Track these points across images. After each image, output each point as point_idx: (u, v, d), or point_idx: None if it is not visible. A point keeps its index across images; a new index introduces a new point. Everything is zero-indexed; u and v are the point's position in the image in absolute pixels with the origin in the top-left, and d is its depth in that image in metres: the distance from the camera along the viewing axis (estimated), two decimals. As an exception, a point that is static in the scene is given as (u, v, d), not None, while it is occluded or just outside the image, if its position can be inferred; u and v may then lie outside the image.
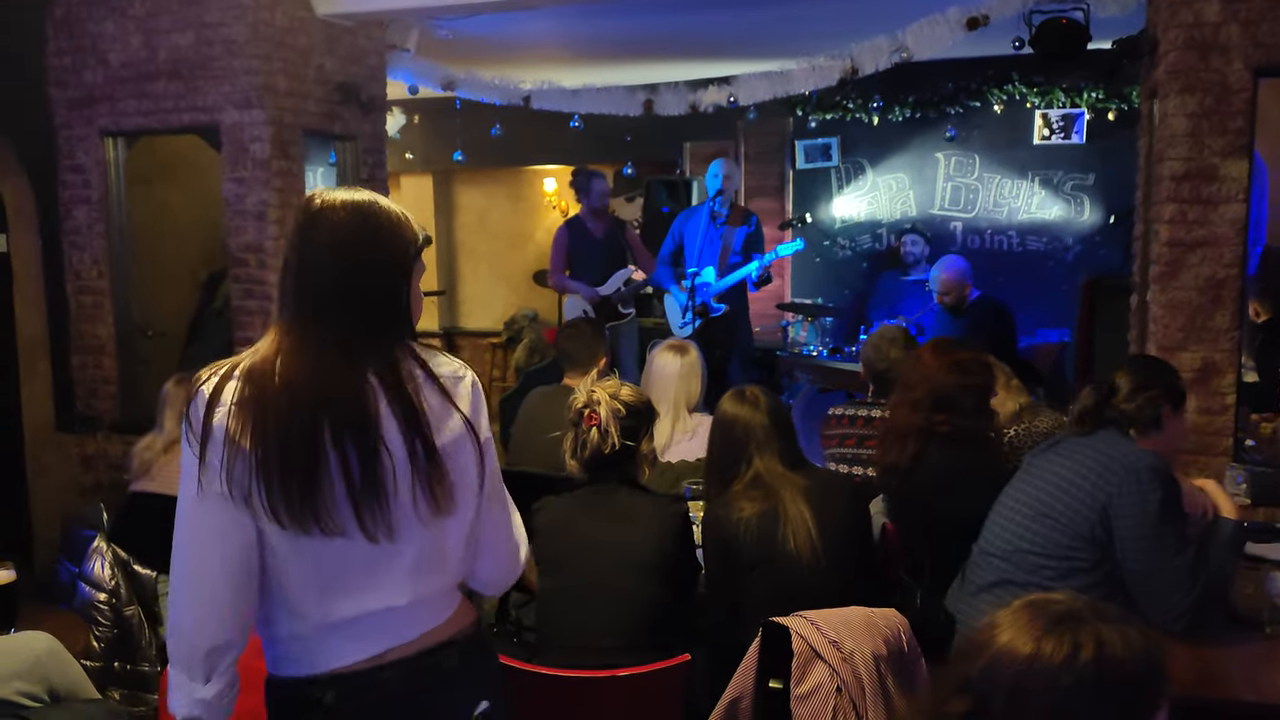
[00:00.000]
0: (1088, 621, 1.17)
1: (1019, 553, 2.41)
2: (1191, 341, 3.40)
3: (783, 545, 2.45)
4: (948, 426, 2.81)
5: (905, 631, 2.21)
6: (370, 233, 1.59)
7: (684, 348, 3.57)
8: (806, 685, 2.13)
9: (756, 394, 2.67)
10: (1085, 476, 2.34)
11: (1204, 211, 3.36)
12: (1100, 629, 1.16)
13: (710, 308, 5.62)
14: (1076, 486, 2.35)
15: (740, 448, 2.58)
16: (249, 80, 4.43)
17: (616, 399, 2.50)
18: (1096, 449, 2.38)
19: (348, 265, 1.56)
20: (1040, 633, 1.18)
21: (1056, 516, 2.36)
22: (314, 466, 1.47)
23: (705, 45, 6.08)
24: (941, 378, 2.87)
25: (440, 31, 5.29)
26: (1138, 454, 2.33)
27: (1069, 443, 2.47)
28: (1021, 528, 2.43)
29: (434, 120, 8.40)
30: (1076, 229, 6.90)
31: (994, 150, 7.04)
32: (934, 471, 2.79)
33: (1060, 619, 1.18)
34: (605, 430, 2.47)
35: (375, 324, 1.57)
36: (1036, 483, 2.45)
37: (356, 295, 1.56)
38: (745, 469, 2.55)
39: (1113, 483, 2.29)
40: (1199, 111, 3.32)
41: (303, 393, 1.48)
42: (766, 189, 7.60)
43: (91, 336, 4.91)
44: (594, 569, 2.39)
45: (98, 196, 4.81)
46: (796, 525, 2.46)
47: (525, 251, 9.49)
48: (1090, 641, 1.15)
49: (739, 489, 2.54)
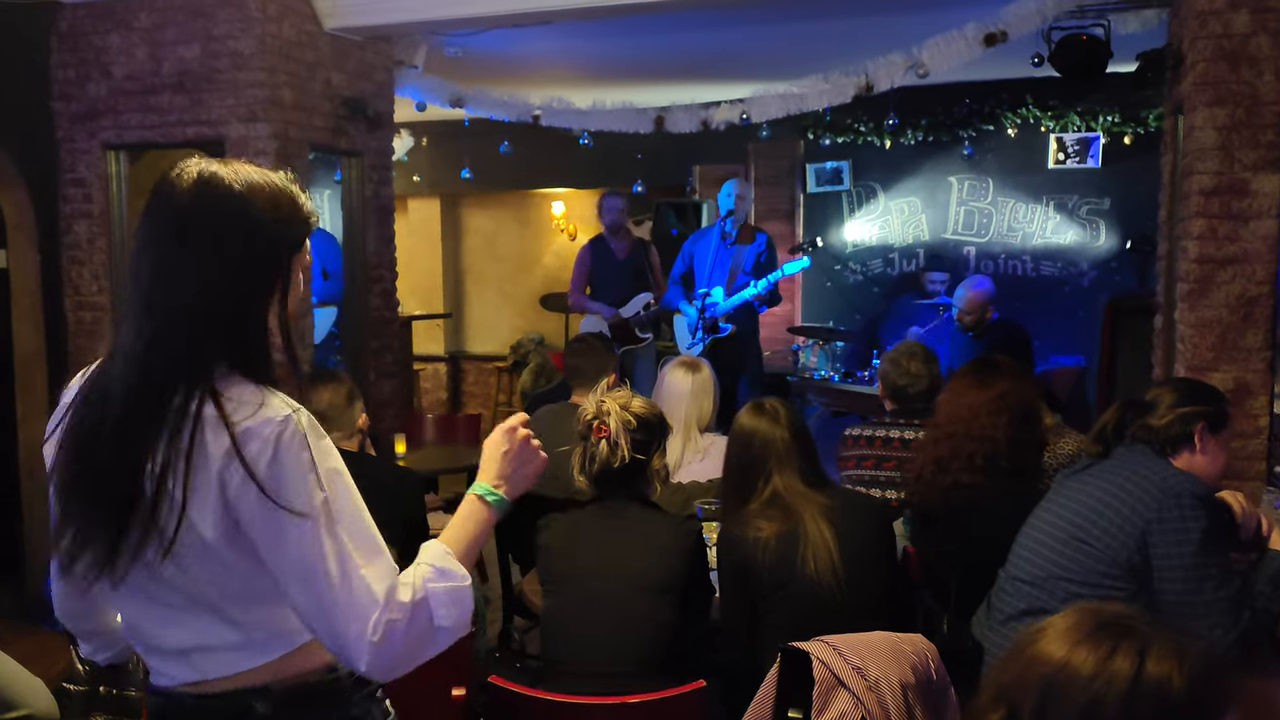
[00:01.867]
0: (1135, 633, 1.06)
1: (1051, 579, 2.28)
2: (1223, 362, 3.28)
3: (802, 568, 2.33)
4: (989, 464, 2.71)
5: (934, 658, 2.08)
6: (193, 209, 1.29)
7: (696, 365, 3.46)
8: (829, 715, 1.99)
9: (776, 406, 2.55)
10: (1123, 501, 2.21)
11: (1234, 227, 3.25)
12: (1148, 643, 1.05)
13: (718, 327, 5.52)
14: (1114, 510, 2.22)
15: (759, 463, 2.46)
16: (254, 94, 4.36)
17: (627, 410, 2.39)
18: (1134, 470, 2.24)
19: (151, 254, 1.31)
20: (1078, 638, 1.08)
21: (1091, 542, 2.23)
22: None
23: (718, 66, 6.03)
24: (995, 431, 2.76)
25: (449, 49, 5.23)
26: (1178, 477, 2.20)
27: (1103, 464, 2.34)
28: (1054, 553, 2.29)
29: (442, 143, 8.37)
30: (1092, 254, 6.81)
31: (1008, 174, 6.96)
32: (971, 496, 2.67)
33: (1105, 626, 1.08)
34: (615, 443, 2.36)
35: (180, 337, 1.29)
36: (1070, 505, 2.32)
37: (158, 293, 1.29)
38: (763, 486, 2.44)
39: (1152, 508, 2.16)
40: (1229, 124, 3.23)
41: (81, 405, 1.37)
42: (777, 212, 7.52)
43: (90, 353, 4.82)
44: (602, 589, 2.26)
45: (99, 211, 4.74)
46: (817, 547, 2.34)
47: (533, 275, 9.42)
48: (1130, 654, 1.04)
49: (756, 507, 2.42)
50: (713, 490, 3.09)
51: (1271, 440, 3.30)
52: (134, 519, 1.28)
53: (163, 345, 1.30)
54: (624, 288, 5.98)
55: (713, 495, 3.03)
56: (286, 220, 1.35)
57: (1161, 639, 1.05)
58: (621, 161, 7.41)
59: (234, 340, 1.32)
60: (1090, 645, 1.07)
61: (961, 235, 7.14)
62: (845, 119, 7.01)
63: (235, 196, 1.32)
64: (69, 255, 4.80)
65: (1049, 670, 1.07)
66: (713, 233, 5.65)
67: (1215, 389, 2.47)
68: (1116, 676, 1.03)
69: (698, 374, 3.40)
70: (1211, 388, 2.47)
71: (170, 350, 1.29)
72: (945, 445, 2.80)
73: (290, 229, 1.36)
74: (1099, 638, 1.07)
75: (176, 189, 1.32)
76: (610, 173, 7.54)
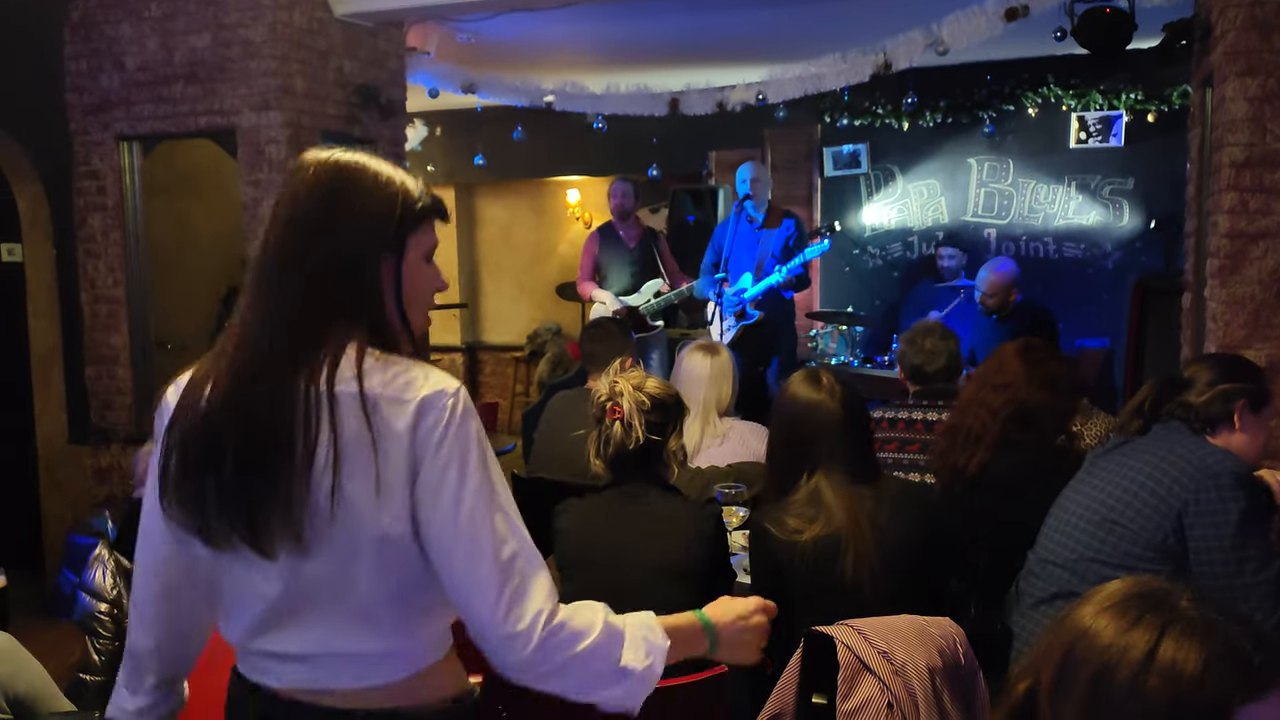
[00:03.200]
0: (1166, 606, 1.01)
1: (1083, 561, 2.21)
2: (1256, 339, 3.20)
3: (843, 576, 2.17)
4: (1025, 439, 2.62)
5: (962, 642, 2.01)
6: (330, 191, 1.33)
7: (715, 348, 3.40)
8: (854, 701, 1.94)
9: (833, 381, 2.32)
10: (1159, 480, 2.13)
11: (1267, 200, 3.16)
12: (1173, 619, 0.99)
13: (746, 313, 5.46)
14: (1149, 490, 2.14)
15: (806, 448, 2.27)
16: (266, 82, 4.34)
17: (641, 390, 2.32)
18: (1170, 449, 2.16)
19: (295, 231, 1.32)
20: (1108, 606, 1.04)
21: (1126, 524, 2.15)
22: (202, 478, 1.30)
23: (733, 48, 5.95)
24: (1030, 391, 2.66)
25: (460, 35, 5.19)
26: (1216, 455, 2.11)
27: (1136, 442, 2.25)
28: (1087, 534, 2.22)
29: (456, 133, 8.34)
30: (1115, 235, 6.69)
31: (1029, 155, 6.85)
32: (1004, 477, 2.59)
33: (1139, 597, 1.04)
34: (629, 424, 2.29)
35: (318, 305, 1.31)
36: (1103, 485, 2.25)
37: (296, 268, 1.31)
38: (808, 477, 2.26)
39: (1189, 488, 2.08)
40: (1260, 95, 3.14)
41: (214, 398, 1.30)
42: (794, 197, 7.44)
43: (106, 346, 4.81)
44: (621, 575, 2.21)
45: (113, 203, 4.73)
46: (859, 554, 2.17)
47: (548, 265, 9.38)
48: (1151, 627, 0.99)
49: (798, 500, 2.26)
50: (732, 475, 3.04)
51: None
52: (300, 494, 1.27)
53: (307, 324, 1.30)
54: (633, 276, 5.93)
55: (732, 480, 2.98)
56: (398, 201, 1.36)
57: (1192, 617, 1.00)
58: (636, 148, 7.35)
59: (368, 314, 1.33)
60: (1116, 613, 1.03)
61: (982, 217, 7.04)
62: (863, 101, 6.92)
63: (359, 175, 1.35)
64: (84, 249, 4.80)
65: (1073, 636, 1.04)
66: (735, 219, 5.58)
67: (1255, 365, 2.37)
68: (1132, 648, 0.99)
69: (716, 357, 3.35)
70: (1251, 364, 2.38)
71: (313, 328, 1.30)
72: (972, 414, 2.71)
73: (402, 210, 1.36)
74: (1127, 607, 1.03)
75: (306, 172, 1.35)
76: (625, 159, 7.48)
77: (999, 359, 2.80)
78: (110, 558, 2.72)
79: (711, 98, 4.83)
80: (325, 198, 1.33)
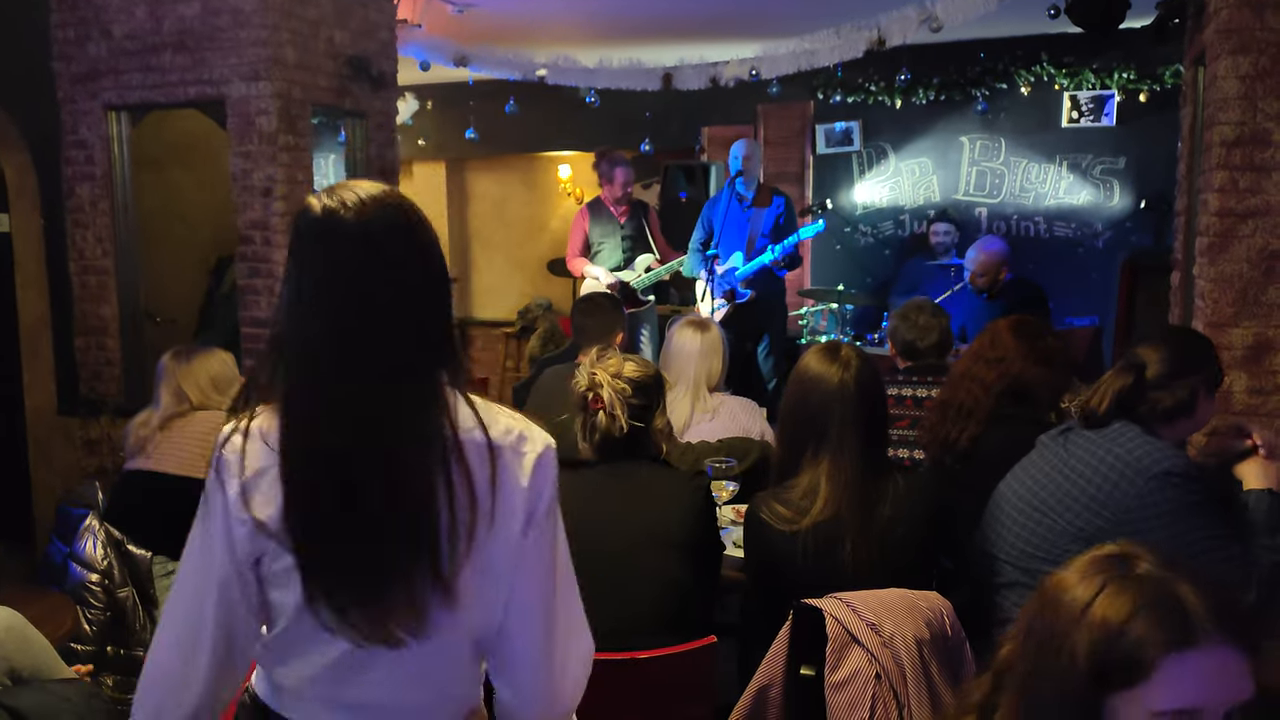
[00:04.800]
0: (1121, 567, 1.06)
1: (1025, 556, 2.20)
2: (1243, 317, 3.22)
3: (842, 570, 2.13)
4: (1017, 414, 2.62)
5: (949, 615, 2.04)
6: (402, 230, 1.24)
7: (705, 324, 3.41)
8: (842, 672, 1.96)
9: (850, 356, 2.19)
10: (1100, 486, 2.10)
11: (1257, 179, 3.18)
12: (1116, 577, 1.04)
13: (737, 293, 5.46)
14: (1090, 496, 2.11)
15: (816, 430, 2.17)
16: (256, 52, 4.29)
17: (619, 378, 2.31)
18: (1112, 450, 2.12)
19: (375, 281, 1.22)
20: (1076, 569, 1.09)
21: (1065, 525, 2.13)
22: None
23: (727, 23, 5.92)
24: (1024, 366, 2.66)
25: (453, 7, 5.15)
26: (1155, 455, 2.07)
27: (1080, 437, 2.19)
28: (1026, 530, 2.20)
29: (447, 106, 8.28)
30: (1106, 214, 6.71)
31: (1021, 133, 6.85)
32: (995, 451, 2.58)
33: (1104, 559, 1.09)
34: (612, 413, 2.30)
35: (410, 358, 1.22)
36: (1042, 479, 2.22)
37: (388, 320, 1.22)
38: (813, 457, 2.18)
39: (1130, 494, 2.06)
40: (1252, 73, 3.14)
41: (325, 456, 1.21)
42: (787, 175, 7.43)
43: (95, 317, 4.79)
44: (613, 546, 2.22)
45: (101, 173, 4.69)
46: (859, 544, 2.13)
47: (540, 240, 9.35)
48: (1093, 584, 1.05)
49: (797, 487, 2.20)
50: (723, 450, 3.05)
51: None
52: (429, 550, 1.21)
53: (410, 370, 1.23)
54: (623, 251, 5.92)
55: (723, 455, 2.99)
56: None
57: (1139, 574, 1.03)
58: (629, 123, 7.32)
59: (450, 356, 1.28)
60: (1079, 573, 1.07)
61: (973, 196, 7.04)
62: (856, 77, 6.90)
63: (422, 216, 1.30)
64: (72, 219, 4.76)
65: (1043, 596, 1.09)
66: (727, 197, 5.57)
67: (1206, 341, 2.33)
68: (1075, 601, 1.03)
69: (706, 333, 3.35)
70: (1202, 341, 2.34)
71: (417, 374, 1.24)
72: (965, 388, 2.70)
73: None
74: (1091, 568, 1.07)
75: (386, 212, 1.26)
76: (618, 135, 7.45)
77: (992, 334, 2.79)
78: (101, 528, 2.72)
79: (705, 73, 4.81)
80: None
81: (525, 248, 9.42)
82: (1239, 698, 0.97)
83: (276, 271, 4.38)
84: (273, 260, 4.39)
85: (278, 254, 4.38)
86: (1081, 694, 0.99)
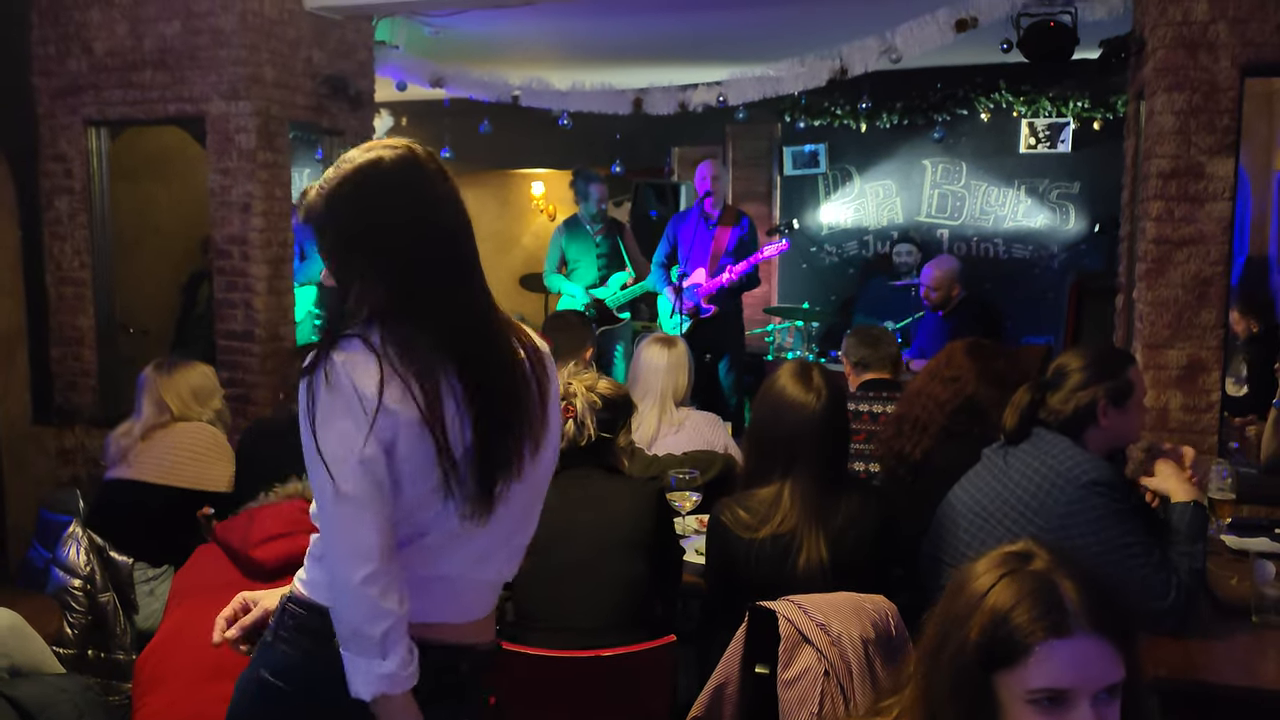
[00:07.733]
0: (1021, 563, 1.18)
1: (968, 561, 2.34)
2: (1178, 339, 3.40)
3: (793, 573, 2.27)
4: (969, 430, 2.73)
5: (894, 616, 2.17)
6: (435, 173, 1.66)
7: (672, 341, 3.54)
8: (794, 669, 2.09)
9: (822, 385, 2.32)
10: (1033, 494, 2.25)
11: (1191, 209, 3.36)
12: (1017, 571, 1.16)
13: (700, 309, 5.61)
14: (1025, 504, 2.26)
15: (786, 452, 2.32)
16: (236, 71, 4.40)
17: (593, 391, 2.46)
18: (1041, 459, 2.28)
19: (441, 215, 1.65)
20: (986, 559, 1.21)
21: (1004, 532, 2.26)
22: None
23: (695, 48, 6.09)
24: (978, 387, 2.76)
25: (427, 29, 5.27)
26: (1080, 463, 2.22)
27: (1018, 450, 2.35)
28: (969, 536, 2.35)
29: (422, 123, 8.38)
30: (1062, 237, 6.94)
31: (981, 158, 7.07)
32: (947, 465, 2.69)
33: (1010, 555, 1.20)
34: (581, 422, 2.43)
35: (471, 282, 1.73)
36: (985, 489, 2.36)
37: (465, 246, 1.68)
38: (778, 479, 2.32)
39: (1060, 500, 2.21)
40: (1186, 109, 3.33)
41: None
42: (754, 195, 7.60)
43: (71, 328, 4.85)
44: (572, 551, 2.34)
45: (80, 187, 4.76)
46: (812, 555, 2.27)
47: (512, 256, 9.46)
48: (991, 577, 1.17)
49: (760, 497, 2.34)
50: (688, 462, 3.17)
51: (1222, 415, 3.42)
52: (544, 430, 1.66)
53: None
54: (599, 269, 6.04)
55: (687, 467, 3.12)
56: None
57: (1033, 570, 1.15)
58: (601, 143, 7.46)
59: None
60: (985, 565, 1.19)
61: (935, 218, 7.25)
62: (822, 102, 7.08)
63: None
64: (50, 231, 4.83)
65: (956, 583, 1.21)
66: (693, 215, 5.73)
67: (1121, 356, 2.46)
68: (976, 592, 1.16)
69: (673, 349, 3.49)
70: (1117, 355, 2.47)
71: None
72: (920, 404, 2.81)
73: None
74: (998, 561, 1.19)
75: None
76: (589, 154, 7.59)
77: (948, 354, 2.92)
78: (84, 535, 2.80)
79: (674, 97, 4.97)
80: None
81: (497, 263, 9.53)
82: (1107, 681, 1.11)
83: (254, 285, 4.47)
84: (250, 275, 4.48)
85: (255, 268, 4.47)
86: (972, 671, 1.13)
